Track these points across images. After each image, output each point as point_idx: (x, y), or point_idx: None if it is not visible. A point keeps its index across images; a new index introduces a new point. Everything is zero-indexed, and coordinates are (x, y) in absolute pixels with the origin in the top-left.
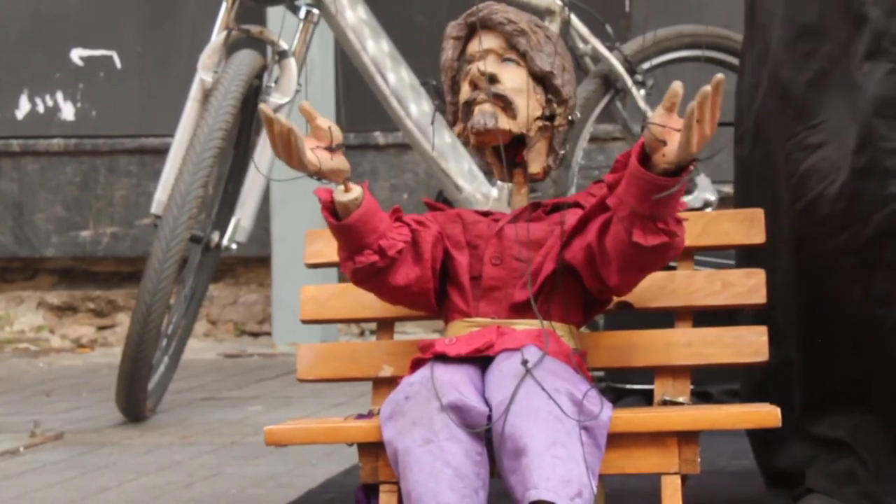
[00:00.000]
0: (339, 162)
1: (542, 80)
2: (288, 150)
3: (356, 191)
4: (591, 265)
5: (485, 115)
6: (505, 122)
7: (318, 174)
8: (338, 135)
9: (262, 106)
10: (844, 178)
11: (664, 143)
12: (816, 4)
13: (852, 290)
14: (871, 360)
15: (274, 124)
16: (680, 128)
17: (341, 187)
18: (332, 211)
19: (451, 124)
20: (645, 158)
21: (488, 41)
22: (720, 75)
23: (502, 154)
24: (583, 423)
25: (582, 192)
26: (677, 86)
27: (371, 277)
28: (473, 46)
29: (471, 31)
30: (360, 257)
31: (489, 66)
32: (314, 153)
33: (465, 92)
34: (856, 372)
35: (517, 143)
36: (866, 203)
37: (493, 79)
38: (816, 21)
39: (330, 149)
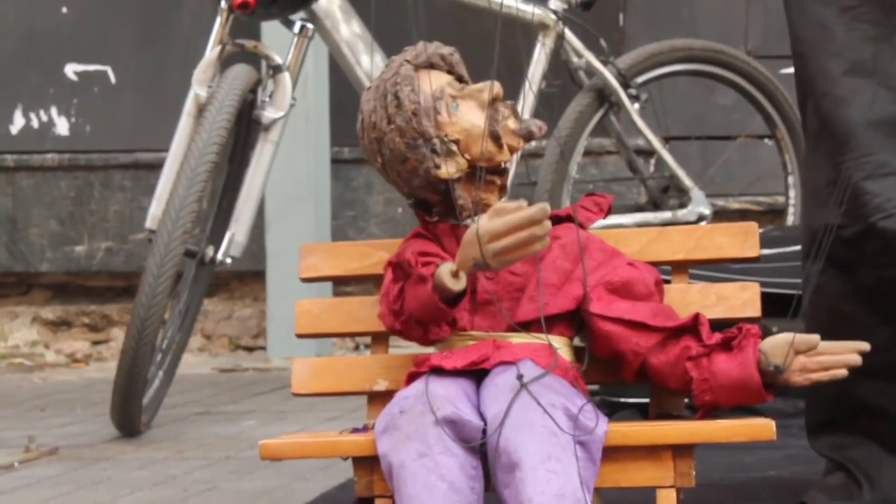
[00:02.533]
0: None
1: None
2: (516, 251)
3: (464, 280)
4: (616, 348)
5: (534, 119)
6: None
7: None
8: None
9: (546, 207)
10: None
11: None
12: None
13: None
14: (890, 390)
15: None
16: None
17: (449, 268)
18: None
19: (415, 161)
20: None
21: (439, 79)
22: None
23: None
24: (578, 437)
25: (572, 205)
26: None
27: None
28: (429, 83)
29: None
30: (436, 329)
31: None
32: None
33: (475, 117)
34: (869, 399)
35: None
36: None
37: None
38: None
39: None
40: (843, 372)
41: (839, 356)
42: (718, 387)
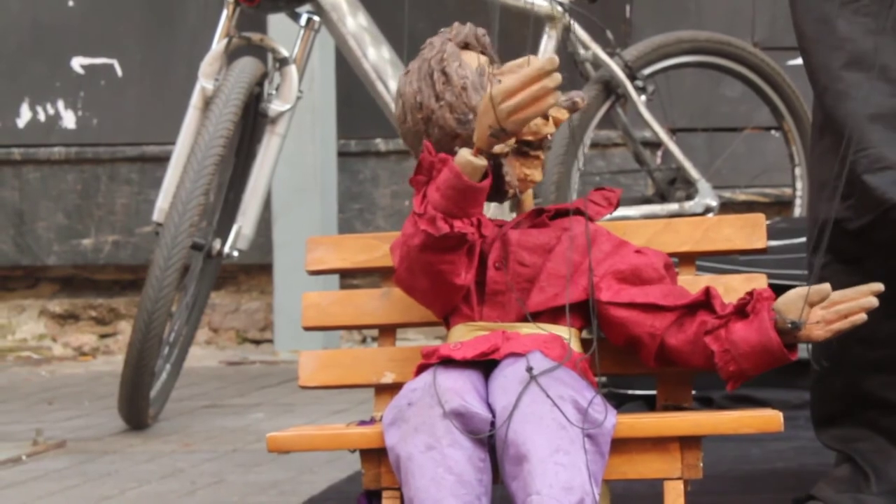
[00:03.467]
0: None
1: None
2: (530, 107)
3: (484, 160)
4: (632, 333)
5: (576, 91)
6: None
7: (500, 133)
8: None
9: (554, 57)
10: None
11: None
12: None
13: None
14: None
15: (549, 78)
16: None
17: (468, 150)
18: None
19: (466, 138)
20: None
21: (473, 61)
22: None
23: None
24: (587, 430)
25: (581, 199)
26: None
27: (443, 251)
28: (472, 60)
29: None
30: (459, 222)
31: None
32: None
33: None
34: (875, 392)
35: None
36: None
37: None
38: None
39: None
40: (863, 316)
41: (856, 301)
42: (741, 355)
